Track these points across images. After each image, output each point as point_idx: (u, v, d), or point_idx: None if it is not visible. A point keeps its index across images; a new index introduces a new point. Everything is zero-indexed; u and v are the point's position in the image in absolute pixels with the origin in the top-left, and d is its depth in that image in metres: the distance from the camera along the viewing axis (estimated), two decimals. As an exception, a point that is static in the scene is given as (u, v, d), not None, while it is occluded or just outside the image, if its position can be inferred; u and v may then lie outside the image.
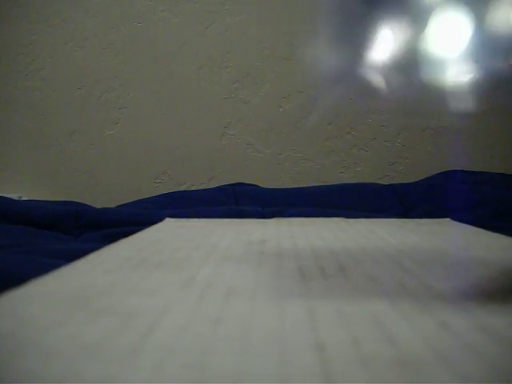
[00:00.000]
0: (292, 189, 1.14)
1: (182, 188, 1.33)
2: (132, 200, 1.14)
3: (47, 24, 1.36)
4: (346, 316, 0.22)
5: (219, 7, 1.35)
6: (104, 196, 1.33)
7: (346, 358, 0.17)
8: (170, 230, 0.50)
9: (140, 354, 0.18)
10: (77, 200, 1.20)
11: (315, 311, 0.22)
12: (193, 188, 1.33)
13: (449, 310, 0.22)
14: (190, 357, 0.17)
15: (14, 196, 1.18)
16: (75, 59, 1.36)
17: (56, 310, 0.22)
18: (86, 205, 1.11)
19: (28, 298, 0.24)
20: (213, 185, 1.28)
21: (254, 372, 0.16)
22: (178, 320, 0.21)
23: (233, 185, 1.17)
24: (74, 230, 0.89)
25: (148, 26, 1.36)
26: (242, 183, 1.20)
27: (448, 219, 0.57)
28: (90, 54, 1.36)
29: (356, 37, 0.24)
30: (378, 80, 0.23)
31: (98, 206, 1.12)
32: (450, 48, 0.22)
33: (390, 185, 1.14)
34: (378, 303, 0.23)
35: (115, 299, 0.24)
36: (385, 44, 0.22)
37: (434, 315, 0.22)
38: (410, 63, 0.22)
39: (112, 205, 1.16)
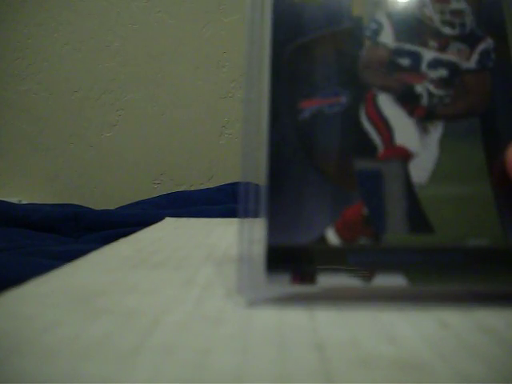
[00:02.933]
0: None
1: (181, 188, 1.33)
2: (131, 201, 1.14)
3: (43, 28, 1.36)
4: (346, 316, 0.22)
5: (214, 7, 1.35)
6: (103, 198, 1.33)
7: (346, 358, 0.17)
8: (169, 230, 0.50)
9: (140, 354, 0.17)
10: (76, 202, 1.20)
11: (315, 311, 0.22)
12: (192, 188, 1.33)
13: (449, 310, 0.22)
14: (189, 357, 0.17)
15: (14, 200, 1.18)
16: (72, 62, 1.36)
17: (55, 310, 0.22)
18: (85, 207, 1.11)
19: (27, 298, 0.24)
20: (212, 184, 1.27)
21: (253, 372, 0.16)
22: (178, 320, 0.21)
23: (232, 184, 1.17)
24: (73, 232, 0.89)
25: (144, 28, 1.36)
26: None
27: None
28: (87, 56, 1.36)
29: None
30: None
31: (98, 208, 1.12)
32: None
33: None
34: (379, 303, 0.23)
35: (115, 299, 0.24)
36: None
37: (434, 315, 0.22)
38: None
39: (111, 207, 1.16)
